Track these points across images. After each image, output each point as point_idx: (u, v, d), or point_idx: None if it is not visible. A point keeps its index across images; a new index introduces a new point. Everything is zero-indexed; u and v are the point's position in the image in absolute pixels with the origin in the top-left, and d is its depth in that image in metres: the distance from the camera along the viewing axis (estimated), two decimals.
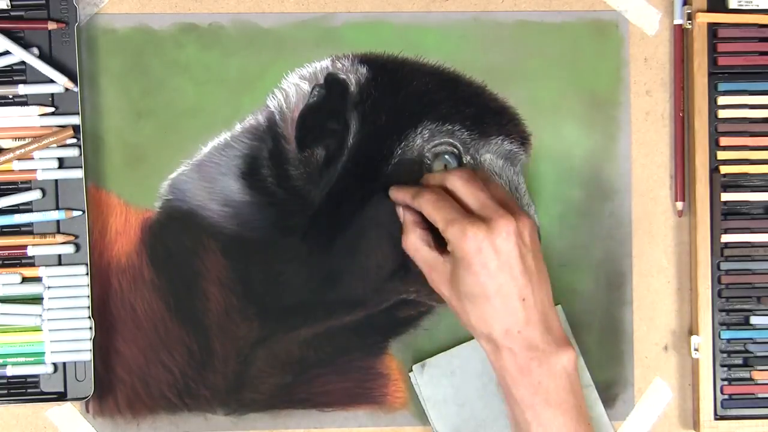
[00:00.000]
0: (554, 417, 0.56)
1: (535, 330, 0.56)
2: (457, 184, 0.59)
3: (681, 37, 0.67)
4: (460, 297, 0.57)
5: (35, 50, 0.63)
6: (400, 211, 0.62)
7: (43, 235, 0.63)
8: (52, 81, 0.63)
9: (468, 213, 0.57)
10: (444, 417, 0.65)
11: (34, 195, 0.63)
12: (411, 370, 0.65)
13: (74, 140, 0.63)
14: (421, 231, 0.60)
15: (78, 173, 0.63)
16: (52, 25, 0.63)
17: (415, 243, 0.60)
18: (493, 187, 0.60)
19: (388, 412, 0.66)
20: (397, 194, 0.62)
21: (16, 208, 0.64)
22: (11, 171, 0.63)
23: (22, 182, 0.64)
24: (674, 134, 0.67)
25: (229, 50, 0.65)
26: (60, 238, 0.63)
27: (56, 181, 0.64)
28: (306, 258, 0.65)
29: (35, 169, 0.63)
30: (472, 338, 0.65)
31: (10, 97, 0.63)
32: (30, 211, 0.64)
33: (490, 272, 0.55)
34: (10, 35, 0.63)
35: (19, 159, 0.63)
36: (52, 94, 0.63)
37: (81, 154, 0.63)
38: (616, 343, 0.67)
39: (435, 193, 0.59)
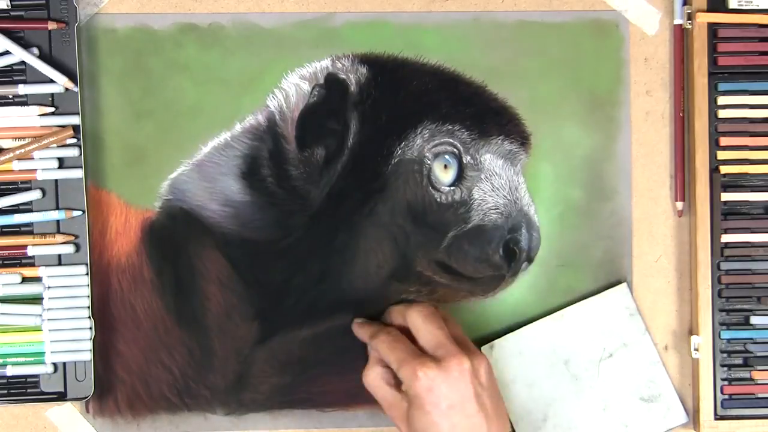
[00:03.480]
0: None
1: None
2: (417, 321, 0.60)
3: (681, 37, 0.67)
4: None
5: (35, 50, 0.63)
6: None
7: (43, 235, 0.63)
8: (52, 81, 0.63)
9: (422, 352, 0.58)
10: (513, 397, 0.65)
11: (34, 195, 0.63)
12: None
13: (74, 140, 0.63)
14: (381, 369, 0.60)
15: (78, 173, 0.63)
16: (52, 25, 0.63)
17: (374, 380, 0.61)
18: (451, 325, 0.61)
19: None
20: (358, 331, 0.64)
21: (16, 208, 0.64)
22: (11, 171, 0.63)
23: (22, 182, 0.64)
24: (674, 134, 0.67)
25: (229, 50, 0.66)
26: (60, 238, 0.63)
27: (56, 181, 0.64)
28: (306, 258, 0.65)
29: (35, 169, 0.63)
30: (534, 320, 0.66)
31: (10, 97, 0.63)
32: (30, 211, 0.64)
33: (442, 411, 0.56)
34: (10, 35, 0.63)
35: (19, 159, 0.63)
36: (52, 94, 0.63)
37: (81, 154, 0.63)
38: None
39: (390, 335, 0.60)
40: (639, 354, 0.66)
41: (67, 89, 0.63)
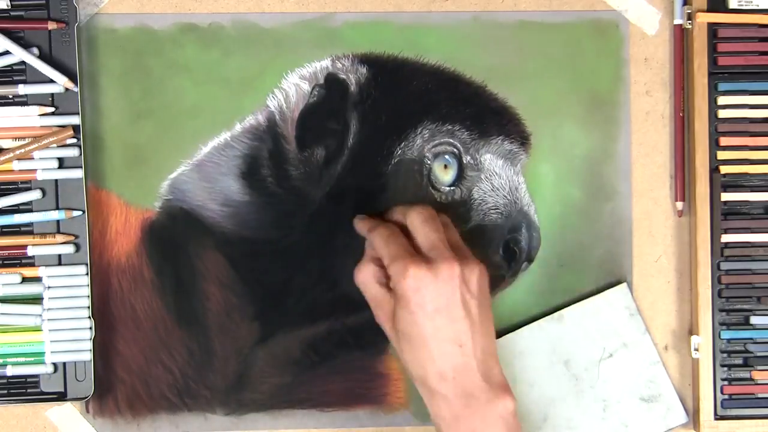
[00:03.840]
0: None
1: (470, 377, 0.55)
2: (416, 222, 0.59)
3: (681, 37, 0.67)
4: (399, 336, 0.57)
5: (35, 50, 0.63)
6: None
7: (43, 235, 0.63)
8: (52, 81, 0.63)
9: (416, 252, 0.57)
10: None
11: (34, 195, 0.63)
12: None
13: (74, 140, 0.63)
14: (374, 267, 0.59)
15: (78, 173, 0.63)
16: (52, 25, 0.63)
17: (366, 276, 0.59)
18: (450, 232, 0.60)
19: (388, 412, 0.66)
20: (358, 225, 0.62)
21: (16, 208, 0.64)
22: (11, 171, 0.63)
23: (22, 182, 0.64)
24: (674, 134, 0.67)
25: (229, 50, 0.65)
26: (60, 238, 0.63)
27: (56, 181, 0.64)
28: (306, 258, 0.65)
29: (35, 169, 0.63)
30: (534, 320, 0.66)
31: (10, 97, 0.63)
32: (30, 211, 0.64)
33: (427, 313, 0.55)
34: (10, 35, 0.63)
35: (19, 159, 0.63)
36: (52, 94, 0.63)
37: (81, 154, 0.63)
38: None
39: (388, 229, 0.59)
40: (639, 354, 0.66)
41: (67, 89, 0.63)
